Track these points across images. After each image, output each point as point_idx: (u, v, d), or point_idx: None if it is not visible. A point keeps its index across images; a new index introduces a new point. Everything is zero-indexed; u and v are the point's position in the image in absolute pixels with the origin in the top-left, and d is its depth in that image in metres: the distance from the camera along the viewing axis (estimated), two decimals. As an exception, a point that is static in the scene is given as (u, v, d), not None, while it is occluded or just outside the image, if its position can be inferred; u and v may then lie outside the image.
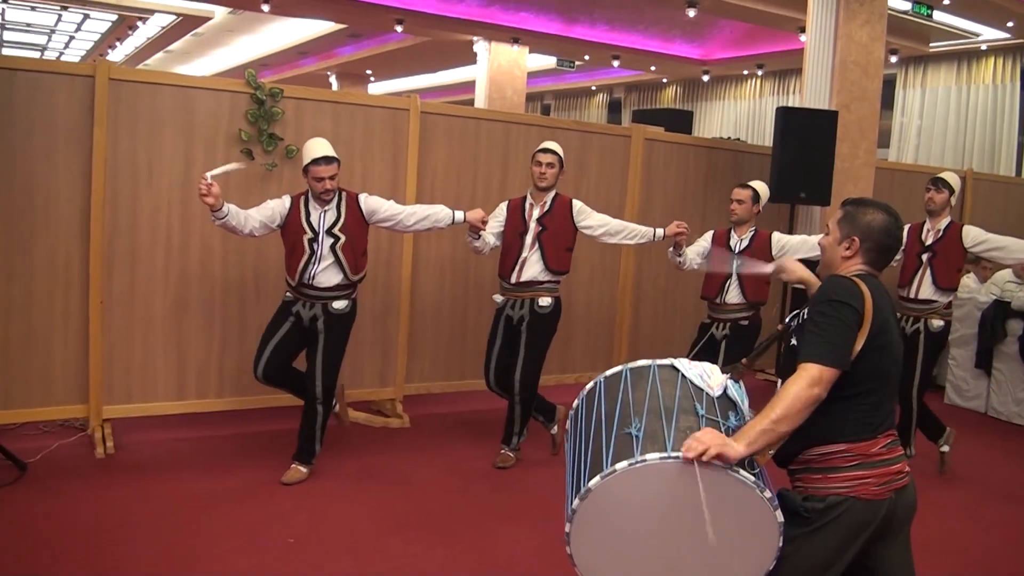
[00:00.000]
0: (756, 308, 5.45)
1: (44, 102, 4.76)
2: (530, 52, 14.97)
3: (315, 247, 4.58)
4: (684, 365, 2.46)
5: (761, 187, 5.53)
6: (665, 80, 18.79)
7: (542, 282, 5.12)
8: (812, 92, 7.33)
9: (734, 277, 5.39)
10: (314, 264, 4.58)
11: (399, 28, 13.48)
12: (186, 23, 15.55)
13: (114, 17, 15.84)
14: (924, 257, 5.42)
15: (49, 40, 20.06)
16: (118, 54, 19.30)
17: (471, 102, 15.80)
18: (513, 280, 5.12)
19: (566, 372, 6.68)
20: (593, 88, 20.94)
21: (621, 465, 2.19)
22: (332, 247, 4.60)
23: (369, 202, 4.74)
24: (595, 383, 2.54)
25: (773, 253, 5.35)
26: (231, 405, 5.44)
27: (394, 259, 5.84)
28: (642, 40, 14.55)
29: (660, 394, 2.37)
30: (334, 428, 5.52)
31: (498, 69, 14.54)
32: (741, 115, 16.96)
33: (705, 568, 2.28)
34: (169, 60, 20.54)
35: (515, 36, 14.12)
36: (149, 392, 5.17)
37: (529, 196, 5.20)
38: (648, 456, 2.18)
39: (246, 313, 5.38)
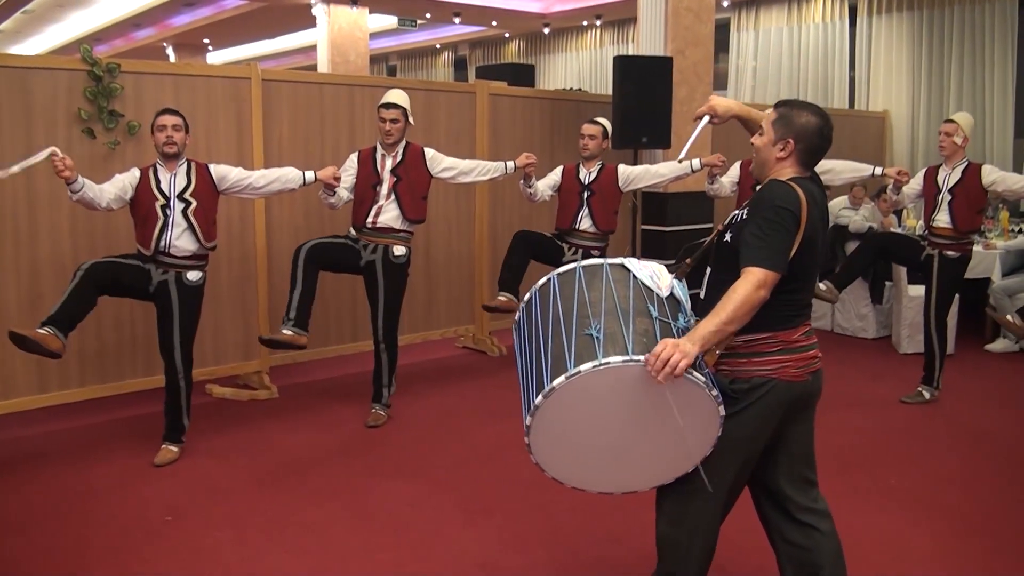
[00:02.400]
0: (606, 238, 5.91)
1: None
2: (370, 12, 14.80)
3: (167, 212, 4.56)
4: (634, 265, 2.58)
5: (607, 123, 5.99)
6: (507, 35, 18.91)
7: (397, 231, 5.23)
8: (647, 40, 7.60)
9: (585, 207, 5.80)
10: (168, 230, 4.55)
11: (234, -6, 13.13)
12: (16, -1, 14.72)
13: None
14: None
15: None
16: (-58, 36, 18.11)
17: (314, 68, 15.56)
18: (369, 223, 5.19)
19: (431, 328, 6.84)
20: (438, 47, 20.87)
21: (585, 366, 2.33)
22: (184, 212, 4.59)
23: (219, 169, 4.77)
24: (548, 279, 2.63)
25: (620, 184, 5.86)
26: (95, 393, 5.34)
27: (247, 228, 5.82)
28: (482, -5, 14.61)
29: (615, 295, 2.49)
30: (202, 406, 5.53)
31: (339, 32, 14.34)
32: (583, 66, 17.24)
33: (652, 454, 2.53)
34: (0, 40, 19.38)
35: (354, -3, 13.95)
36: (9, 388, 5.02)
37: (379, 147, 5.27)
38: (611, 359, 2.33)
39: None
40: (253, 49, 21.44)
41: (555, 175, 5.99)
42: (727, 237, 2.66)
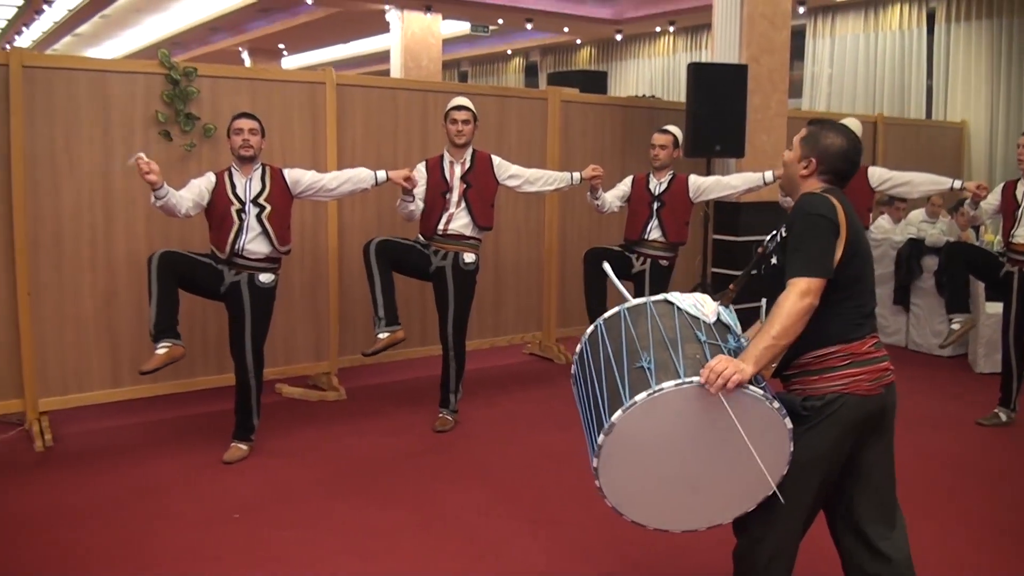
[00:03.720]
0: (676, 249, 5.77)
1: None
2: (443, 19, 14.91)
3: (243, 217, 4.62)
4: (678, 298, 2.58)
5: (678, 131, 5.88)
6: (579, 42, 18.87)
7: (468, 238, 5.22)
8: (722, 46, 7.50)
9: (655, 218, 5.68)
10: (243, 234, 4.61)
11: (309, 0, 13.30)
12: (94, 4, 15.09)
13: (20, 1, 15.33)
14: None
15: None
16: (25, 40, 18.67)
17: (387, 73, 15.70)
18: (440, 230, 5.18)
19: (499, 335, 6.82)
20: (509, 53, 20.93)
21: (640, 396, 2.31)
22: (259, 217, 4.64)
23: (293, 173, 4.82)
24: (595, 326, 2.64)
25: (691, 195, 5.74)
26: (168, 389, 5.44)
27: (319, 230, 5.88)
28: (554, 2, 14.60)
29: (661, 327, 2.49)
30: (271, 405, 5.58)
31: (412, 38, 14.46)
32: (656, 73, 17.13)
33: (727, 482, 2.49)
34: (77, 44, 19.94)
35: (427, 3, 14.04)
36: (85, 382, 5.14)
37: (447, 154, 5.26)
38: (664, 385, 2.32)
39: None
40: (327, 54, 21.76)
41: (624, 185, 5.90)
42: (774, 260, 2.65)
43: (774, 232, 2.71)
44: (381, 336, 5.00)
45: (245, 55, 20.24)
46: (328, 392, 5.97)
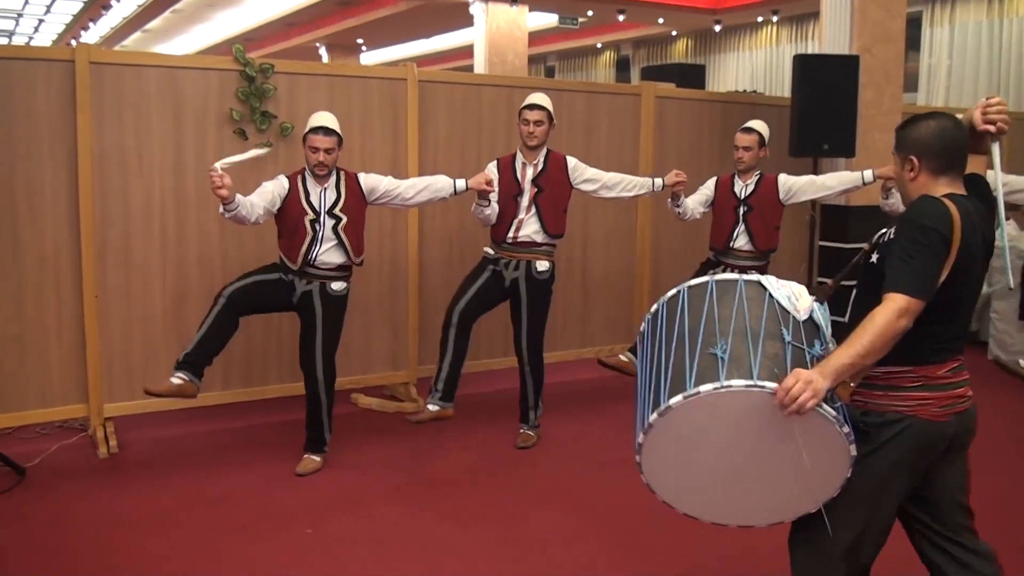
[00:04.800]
0: (767, 257, 5.63)
1: (21, 91, 4.85)
2: (530, 11, 14.96)
3: (317, 228, 4.68)
4: (772, 284, 2.53)
5: (764, 128, 5.64)
6: (675, 33, 18.77)
7: (540, 244, 5.19)
8: (831, 36, 7.37)
9: (741, 224, 5.55)
10: (317, 245, 4.68)
11: (390, -7, 13.51)
12: (165, -1, 15.62)
13: (86, -3, 15.92)
14: None
15: (17, 24, 20.14)
16: (92, 36, 19.32)
17: (470, 68, 15.84)
18: (509, 238, 5.16)
19: (586, 346, 6.79)
20: (599, 46, 20.93)
21: (706, 387, 2.31)
22: (335, 228, 4.70)
23: (368, 180, 4.85)
24: (678, 291, 2.61)
25: (781, 197, 5.56)
26: (238, 397, 5.58)
27: (399, 237, 5.96)
28: (648, -10, 14.55)
29: (747, 314, 2.45)
30: (346, 416, 5.67)
31: (497, 31, 14.55)
32: (757, 66, 16.95)
33: (773, 488, 2.48)
34: (147, 40, 20.59)
35: (513, -6, 14.13)
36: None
37: (520, 154, 5.22)
38: (734, 382, 2.31)
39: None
40: (407, 49, 22.06)
41: (707, 189, 5.72)
42: (874, 258, 2.59)
43: (884, 231, 2.63)
44: (432, 408, 5.11)
45: (322, 51, 20.63)
46: (406, 403, 6.03)
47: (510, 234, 5.16)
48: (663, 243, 7.03)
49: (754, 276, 2.56)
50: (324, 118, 4.70)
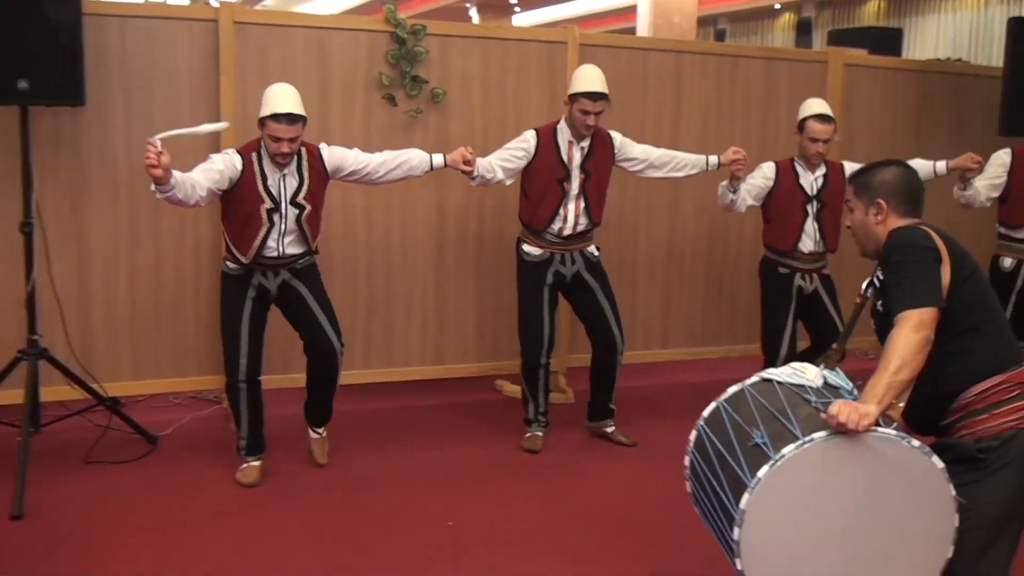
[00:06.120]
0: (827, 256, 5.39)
1: (162, 52, 5.06)
2: (701, -32, 14.76)
3: (275, 219, 4.41)
4: (774, 373, 2.68)
5: (827, 108, 5.25)
6: (866, -8, 18.20)
7: (587, 232, 5.14)
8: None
9: (812, 222, 5.22)
10: (275, 238, 4.44)
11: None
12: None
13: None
14: None
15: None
16: (233, -7, 20.02)
17: (632, 31, 15.71)
18: (565, 232, 5.03)
19: (736, 343, 6.56)
20: (777, 7, 20.46)
21: (762, 472, 2.35)
22: (297, 219, 4.47)
23: (333, 155, 4.57)
24: (697, 431, 2.74)
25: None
26: (376, 377, 5.73)
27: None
28: (837, -54, 14.13)
29: (765, 403, 2.57)
30: (489, 403, 5.77)
31: (664, -10, 14.38)
32: (962, 30, 16.27)
33: (890, 547, 2.46)
34: (289, 0, 21.21)
35: (683, -50, 13.93)
36: (291, 362, 5.34)
37: (565, 130, 5.02)
38: (784, 451, 2.35)
39: (391, 278, 5.64)
40: (562, 11, 22.06)
41: (763, 179, 5.23)
42: (880, 306, 2.75)
43: (869, 279, 2.86)
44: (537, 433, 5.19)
45: (473, 12, 20.83)
46: (555, 394, 6.01)
47: (556, 225, 5.01)
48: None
49: (754, 377, 2.71)
50: (286, 100, 4.31)
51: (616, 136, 5.11)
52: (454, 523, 4.22)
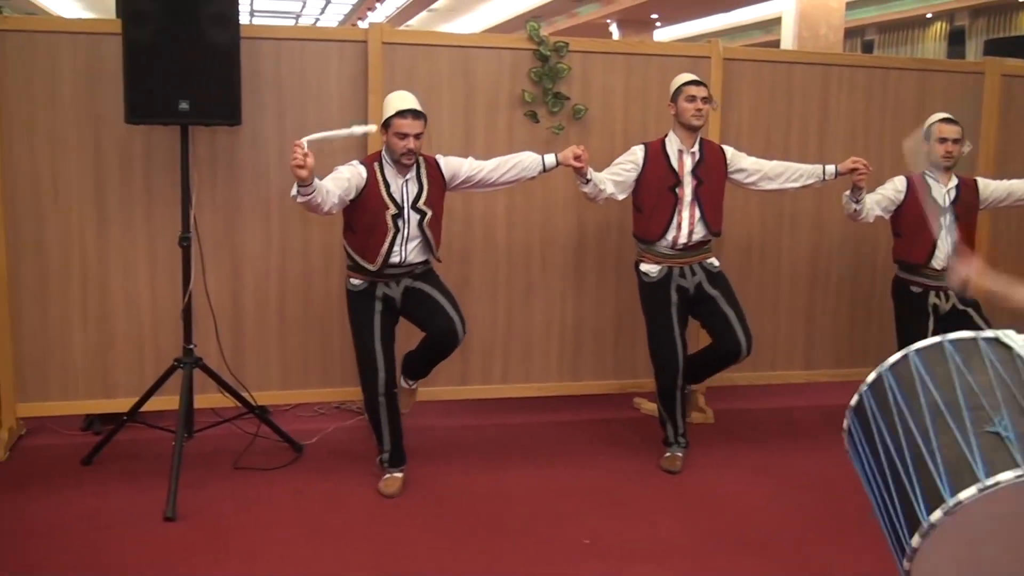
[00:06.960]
0: None
1: (313, 72, 5.25)
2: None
3: (399, 224, 4.51)
4: (1014, 339, 2.34)
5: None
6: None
7: (705, 242, 5.03)
8: None
9: (944, 235, 5.01)
10: (400, 244, 4.54)
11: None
12: (452, -24, 16.31)
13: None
14: None
15: (304, 6, 21.69)
16: (378, 15, 20.49)
17: (776, 45, 15.50)
18: (680, 243, 4.95)
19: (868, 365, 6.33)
20: (928, 16, 19.88)
21: (1006, 476, 2.06)
22: (420, 224, 4.56)
23: (450, 164, 4.68)
24: (905, 356, 2.41)
25: (980, 203, 5.18)
26: (508, 392, 5.79)
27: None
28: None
29: (1008, 381, 2.23)
30: (629, 421, 5.75)
31: (809, 2, 14.14)
32: None
33: None
34: (433, 19, 21.62)
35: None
36: (442, 374, 5.31)
37: (676, 140, 4.98)
38: None
39: (531, 285, 5.69)
40: (703, 25, 21.88)
41: (893, 192, 5.17)
42: None
43: None
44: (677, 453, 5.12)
45: (613, 27, 20.84)
46: (693, 413, 5.96)
47: (671, 235, 4.93)
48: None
49: (990, 333, 2.38)
50: (408, 99, 4.48)
51: (728, 149, 5.10)
52: (591, 541, 4.21)
